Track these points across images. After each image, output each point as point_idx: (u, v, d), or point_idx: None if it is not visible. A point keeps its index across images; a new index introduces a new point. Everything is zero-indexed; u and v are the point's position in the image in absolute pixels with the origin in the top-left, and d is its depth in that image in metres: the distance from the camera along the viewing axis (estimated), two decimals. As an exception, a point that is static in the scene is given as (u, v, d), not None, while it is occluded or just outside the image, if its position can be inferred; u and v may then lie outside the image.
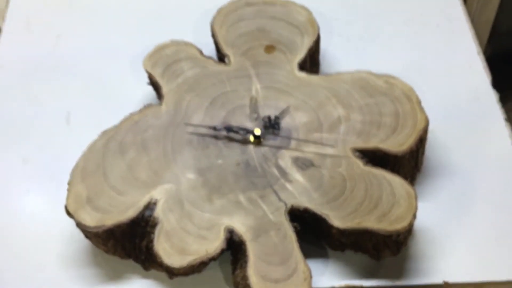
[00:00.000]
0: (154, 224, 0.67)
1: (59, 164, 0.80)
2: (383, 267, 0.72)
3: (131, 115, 0.77)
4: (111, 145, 0.74)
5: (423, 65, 0.92)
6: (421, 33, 0.97)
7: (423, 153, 0.79)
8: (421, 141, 0.75)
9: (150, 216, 0.68)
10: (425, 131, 0.75)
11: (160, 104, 0.78)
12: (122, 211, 0.68)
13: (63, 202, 0.69)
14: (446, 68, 0.92)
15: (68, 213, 0.68)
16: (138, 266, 0.72)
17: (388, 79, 0.80)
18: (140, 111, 0.77)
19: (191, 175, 0.71)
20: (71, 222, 0.69)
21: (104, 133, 0.75)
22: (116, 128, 0.76)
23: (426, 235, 0.74)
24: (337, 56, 0.94)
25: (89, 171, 0.71)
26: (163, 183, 0.71)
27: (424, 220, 0.74)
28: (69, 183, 0.70)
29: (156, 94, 0.84)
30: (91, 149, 0.74)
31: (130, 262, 0.72)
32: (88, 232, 0.68)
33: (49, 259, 0.73)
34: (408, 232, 0.69)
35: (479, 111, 0.87)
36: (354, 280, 0.71)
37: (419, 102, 0.77)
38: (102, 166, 0.72)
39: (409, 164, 0.75)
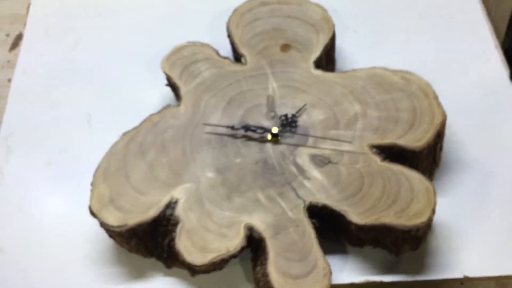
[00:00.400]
0: (175, 223, 0.69)
1: (81, 165, 0.82)
2: (403, 262, 0.72)
3: (151, 116, 0.78)
4: (131, 146, 0.75)
5: (440, 59, 0.92)
6: (437, 27, 0.97)
7: (441, 148, 0.79)
8: (439, 136, 0.75)
9: (171, 215, 0.69)
10: (442, 126, 0.75)
11: (179, 105, 0.80)
12: (144, 210, 0.70)
13: (86, 202, 0.71)
14: (463, 62, 0.92)
15: (92, 213, 0.70)
16: (160, 264, 0.73)
17: (404, 74, 0.80)
18: (159, 112, 0.79)
19: (210, 174, 0.73)
20: (95, 222, 0.71)
21: (125, 134, 0.77)
22: (136, 129, 0.77)
23: (445, 230, 0.74)
24: (353, 53, 0.94)
25: (111, 172, 0.73)
26: (183, 182, 0.72)
27: (443, 215, 0.74)
28: (92, 184, 0.72)
29: (174, 95, 0.85)
30: (113, 150, 0.75)
31: (153, 260, 0.73)
32: (111, 232, 0.70)
33: (73, 259, 0.75)
34: (427, 227, 0.69)
35: (497, 104, 0.86)
36: (374, 276, 0.71)
37: (436, 97, 0.77)
38: (124, 167, 0.74)
39: (427, 159, 0.76)
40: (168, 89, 0.85)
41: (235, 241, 0.67)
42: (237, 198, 0.71)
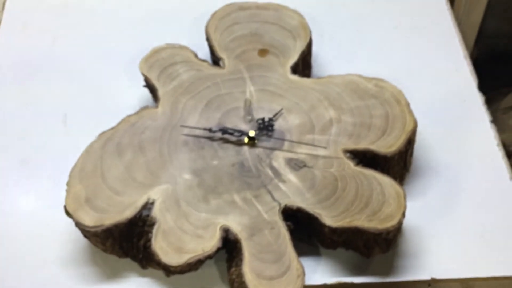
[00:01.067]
0: (151, 224, 0.69)
1: (56, 165, 0.82)
2: (373, 264, 0.74)
3: (128, 117, 0.79)
4: (108, 147, 0.76)
5: (412, 68, 0.95)
6: (409, 36, 1.00)
7: (411, 154, 0.81)
8: (410, 142, 0.78)
9: (148, 216, 0.70)
10: (413, 132, 0.77)
11: (156, 106, 0.80)
12: (120, 211, 0.70)
13: (61, 202, 0.71)
14: (434, 71, 0.95)
15: (67, 213, 0.70)
16: (135, 265, 0.73)
17: (378, 82, 0.82)
18: (137, 113, 0.79)
19: (187, 176, 0.73)
20: (69, 222, 0.71)
21: (102, 134, 0.77)
22: (113, 129, 0.77)
23: (414, 233, 0.77)
24: (329, 59, 0.96)
25: (87, 172, 0.73)
26: (160, 183, 0.73)
27: (412, 218, 0.76)
28: (67, 184, 0.72)
29: (152, 97, 0.85)
30: (89, 150, 0.75)
31: (128, 261, 0.74)
32: (86, 232, 0.70)
33: (47, 259, 0.75)
34: (397, 230, 0.71)
35: (466, 113, 0.89)
36: (346, 277, 0.73)
37: (407, 105, 0.79)
38: (100, 167, 0.74)
39: (398, 164, 0.78)
40: (146, 90, 0.85)
41: (211, 242, 0.68)
42: (214, 200, 0.72)
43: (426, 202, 0.80)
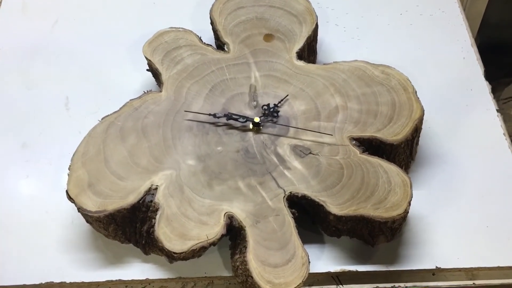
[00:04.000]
0: (155, 210, 0.68)
1: (58, 149, 0.81)
2: (378, 253, 0.74)
3: (131, 101, 0.78)
4: (111, 131, 0.74)
5: (418, 55, 0.94)
6: (416, 24, 0.99)
7: (417, 142, 0.81)
8: (416, 130, 0.77)
9: (151, 201, 0.69)
10: (420, 121, 0.76)
11: (160, 90, 0.79)
12: (123, 196, 0.69)
13: (63, 187, 0.70)
14: (440, 58, 0.94)
15: (70, 198, 0.69)
16: (138, 250, 0.73)
17: (384, 69, 0.81)
18: (140, 97, 0.78)
19: (191, 161, 0.72)
20: (71, 207, 0.70)
21: (104, 119, 0.76)
22: (116, 114, 0.76)
23: (419, 222, 0.76)
24: (334, 46, 0.95)
25: (90, 156, 0.72)
26: (164, 169, 0.72)
27: (417, 207, 0.76)
28: (70, 168, 0.71)
29: (155, 81, 0.84)
30: (92, 134, 0.74)
31: (130, 247, 0.73)
32: (89, 217, 0.69)
33: (50, 244, 0.74)
34: (403, 219, 0.71)
35: (472, 101, 0.88)
36: (350, 265, 0.73)
37: (414, 92, 0.78)
38: (103, 151, 0.73)
39: (404, 153, 0.77)
40: (149, 74, 0.84)
41: (215, 229, 0.67)
42: (218, 186, 0.71)
43: (431, 191, 0.79)
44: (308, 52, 0.87)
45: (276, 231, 0.68)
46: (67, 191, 0.69)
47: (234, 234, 0.70)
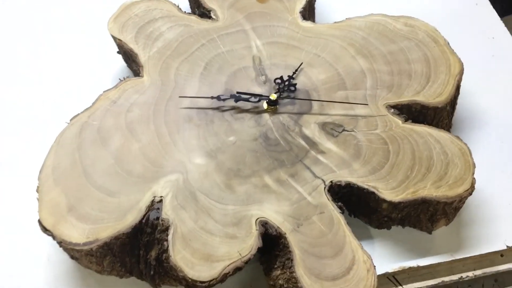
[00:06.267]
0: (164, 229, 0.52)
1: (20, 167, 0.62)
2: (437, 240, 0.61)
3: (106, 92, 0.60)
4: (86, 134, 0.57)
5: (427, 5, 0.82)
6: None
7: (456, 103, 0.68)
8: (458, 88, 0.64)
9: (157, 218, 0.52)
10: (461, 75, 0.64)
11: (141, 75, 0.62)
12: (119, 217, 0.52)
13: (34, 216, 0.51)
14: (452, 7, 0.82)
15: (45, 230, 0.51)
16: (144, 284, 0.56)
17: (407, 20, 0.68)
18: (117, 86, 0.61)
19: (199, 160, 0.56)
20: (48, 240, 0.52)
21: (75, 119, 0.58)
22: (89, 111, 0.59)
23: (476, 196, 0.64)
24: (330, 3, 0.81)
25: (63, 170, 0.54)
26: (166, 174, 0.55)
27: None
28: (38, 190, 0.53)
29: (128, 66, 0.67)
30: (61, 142, 0.56)
31: (133, 281, 0.56)
32: (76, 251, 0.51)
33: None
34: (469, 195, 0.58)
35: (497, 50, 0.77)
36: (407, 260, 0.59)
37: (447, 44, 0.66)
38: (80, 161, 0.55)
39: (448, 117, 0.65)
40: (120, 58, 0.66)
41: (247, 242, 0.51)
42: (240, 186, 0.55)
43: (481, 159, 0.66)
44: (309, 12, 0.72)
45: (325, 233, 0.53)
46: (39, 221, 0.51)
47: (271, 244, 0.54)
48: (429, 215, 0.58)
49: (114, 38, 0.65)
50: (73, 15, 0.75)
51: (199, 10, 0.69)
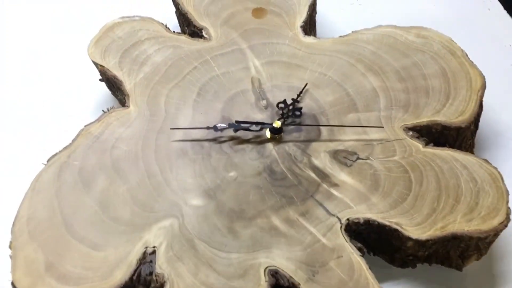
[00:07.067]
0: (159, 286, 0.45)
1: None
2: (468, 277, 0.54)
3: (87, 127, 0.53)
4: (66, 176, 0.50)
5: (436, 13, 0.75)
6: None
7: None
8: (481, 104, 0.58)
9: (150, 273, 0.45)
10: (483, 90, 0.57)
11: (126, 105, 0.55)
12: (106, 274, 0.45)
13: (6, 277, 0.44)
14: (463, 13, 0.76)
15: (19, 293, 0.44)
16: None
17: (419, 31, 0.62)
18: (99, 120, 0.54)
19: (196, 201, 0.49)
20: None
21: (52, 160, 0.51)
22: (69, 149, 0.52)
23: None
24: (331, 16, 0.74)
25: (40, 221, 0.47)
26: (159, 219, 0.48)
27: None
28: (11, 246, 0.46)
29: (113, 94, 0.60)
30: (36, 187, 0.49)
31: None
32: (56, 317, 0.44)
33: None
34: (505, 227, 0.51)
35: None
36: (437, 302, 0.52)
37: (465, 55, 0.60)
38: (59, 210, 0.48)
39: (471, 137, 0.58)
40: (104, 85, 0.59)
41: (256, 297, 0.44)
42: (244, 230, 0.48)
43: (509, 183, 0.60)
44: (310, 26, 0.66)
45: (345, 281, 0.46)
46: (13, 284, 0.44)
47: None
48: (459, 251, 0.51)
49: (96, 64, 0.58)
50: (55, 34, 0.69)
51: (189, 28, 0.63)
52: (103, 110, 0.55)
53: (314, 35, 0.70)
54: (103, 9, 0.68)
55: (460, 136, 0.56)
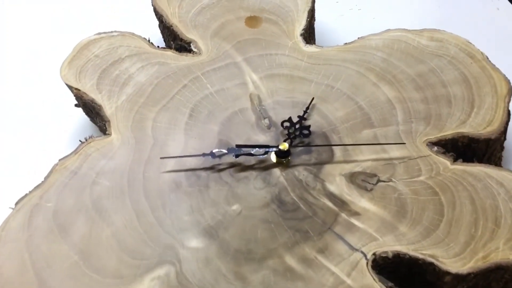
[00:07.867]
0: None
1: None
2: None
3: (62, 161, 0.45)
4: (38, 222, 0.42)
5: (441, 14, 0.70)
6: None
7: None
8: (509, 112, 0.51)
9: (145, 335, 0.37)
10: (510, 95, 0.51)
11: (108, 133, 0.47)
12: None
13: None
14: (470, 14, 0.70)
15: None
16: None
17: (432, 34, 0.56)
18: (76, 152, 0.46)
19: (195, 242, 0.42)
20: None
21: (22, 202, 0.43)
22: (41, 188, 0.44)
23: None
24: (329, 22, 0.68)
25: (8, 278, 0.39)
26: (151, 268, 0.40)
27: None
28: (-27, 311, 0.38)
29: (92, 121, 0.52)
30: (3, 236, 0.41)
31: None
32: None
33: None
34: (553, 252, 0.44)
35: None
36: None
37: (486, 58, 0.53)
38: (31, 263, 0.40)
39: (501, 148, 0.52)
40: (80, 111, 0.52)
41: None
42: (254, 274, 0.40)
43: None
44: (309, 34, 0.59)
45: (379, 330, 0.39)
46: None
47: None
48: (503, 283, 0.44)
49: (70, 87, 0.50)
50: (23, 58, 0.62)
51: (176, 43, 0.56)
52: (80, 140, 0.47)
53: (314, 41, 0.63)
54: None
55: (490, 149, 0.50)
